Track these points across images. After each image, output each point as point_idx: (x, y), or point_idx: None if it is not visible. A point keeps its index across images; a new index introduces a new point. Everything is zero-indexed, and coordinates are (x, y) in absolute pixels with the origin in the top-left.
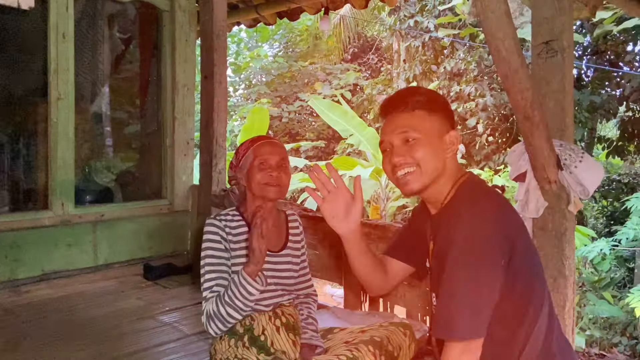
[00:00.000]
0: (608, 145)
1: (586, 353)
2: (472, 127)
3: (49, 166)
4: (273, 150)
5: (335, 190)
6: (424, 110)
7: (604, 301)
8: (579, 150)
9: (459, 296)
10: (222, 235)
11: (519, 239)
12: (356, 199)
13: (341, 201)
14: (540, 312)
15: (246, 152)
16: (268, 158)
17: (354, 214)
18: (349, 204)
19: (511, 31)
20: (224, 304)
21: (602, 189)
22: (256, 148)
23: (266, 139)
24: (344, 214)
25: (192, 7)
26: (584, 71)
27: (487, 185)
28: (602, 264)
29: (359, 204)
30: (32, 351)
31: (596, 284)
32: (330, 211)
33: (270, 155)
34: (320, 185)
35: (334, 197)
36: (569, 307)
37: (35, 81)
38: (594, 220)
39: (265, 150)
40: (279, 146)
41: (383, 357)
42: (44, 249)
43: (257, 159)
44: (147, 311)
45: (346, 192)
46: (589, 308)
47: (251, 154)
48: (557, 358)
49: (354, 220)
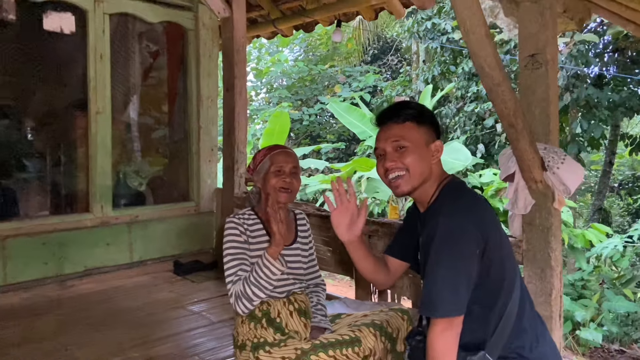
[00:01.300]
0: (631, 142)
1: (606, 349)
2: (490, 126)
3: (90, 173)
4: (287, 159)
5: (347, 204)
6: (414, 122)
7: (621, 297)
8: (562, 153)
9: (441, 281)
10: (241, 230)
11: (491, 232)
12: (361, 215)
13: (349, 214)
14: (512, 293)
15: (263, 159)
16: (283, 165)
17: (356, 226)
18: (354, 218)
19: (492, 50)
20: (250, 284)
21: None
22: (273, 156)
23: (281, 149)
24: (349, 225)
25: (214, 25)
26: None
27: (466, 187)
28: (621, 261)
29: (363, 220)
30: (80, 335)
31: (616, 280)
32: (338, 220)
33: (285, 163)
34: (337, 197)
35: (344, 210)
36: (555, 295)
37: (77, 96)
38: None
39: (281, 159)
40: (292, 155)
41: (383, 338)
42: (86, 247)
43: (273, 166)
44: (177, 302)
45: (355, 207)
46: (606, 304)
47: (268, 161)
48: (527, 332)
49: (355, 232)
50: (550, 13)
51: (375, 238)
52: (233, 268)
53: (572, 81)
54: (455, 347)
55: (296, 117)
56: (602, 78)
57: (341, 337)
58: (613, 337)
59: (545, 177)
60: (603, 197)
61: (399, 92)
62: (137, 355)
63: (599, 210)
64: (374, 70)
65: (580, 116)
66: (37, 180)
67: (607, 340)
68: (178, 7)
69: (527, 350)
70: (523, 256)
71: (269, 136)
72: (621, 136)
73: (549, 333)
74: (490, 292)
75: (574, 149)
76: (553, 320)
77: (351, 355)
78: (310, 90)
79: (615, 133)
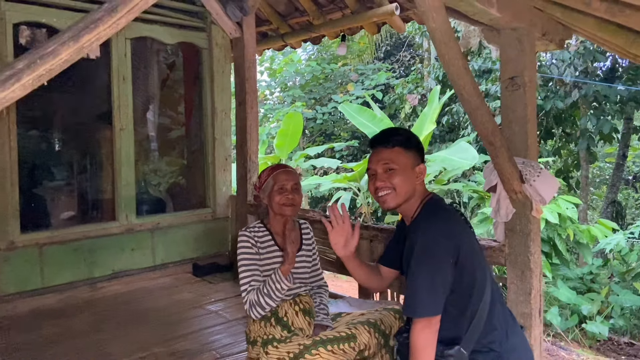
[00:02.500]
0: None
1: (615, 342)
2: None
3: (115, 184)
4: (288, 177)
5: (342, 225)
6: (402, 148)
7: (628, 291)
8: (538, 167)
9: (420, 286)
10: (252, 243)
11: (464, 244)
12: (355, 235)
13: (344, 234)
14: (483, 296)
15: (267, 179)
16: (284, 184)
17: (350, 245)
18: (349, 237)
19: (469, 79)
20: (263, 295)
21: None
22: (275, 176)
23: (283, 168)
24: (344, 243)
25: (226, 43)
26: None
27: (444, 204)
28: (630, 255)
29: (356, 238)
30: (110, 332)
31: (625, 275)
32: (335, 239)
33: (286, 181)
34: (334, 219)
35: (340, 230)
36: (534, 294)
37: (103, 115)
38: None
39: (282, 178)
40: (292, 173)
41: (377, 334)
42: (113, 252)
43: (276, 185)
44: (197, 302)
45: (349, 228)
46: (612, 298)
47: (271, 181)
48: (497, 329)
49: (350, 249)
50: (528, 39)
51: (376, 242)
52: (246, 278)
53: (582, 77)
54: (434, 342)
55: (310, 116)
56: (614, 71)
57: (339, 334)
58: (623, 330)
59: (524, 188)
60: (617, 190)
61: (410, 89)
62: (161, 351)
63: (612, 203)
64: (386, 68)
65: (589, 112)
66: (68, 192)
67: (618, 333)
68: (193, 29)
69: (497, 345)
70: (506, 259)
71: (283, 136)
72: (634, 129)
73: (520, 329)
74: (463, 295)
75: (584, 143)
76: (533, 317)
77: (348, 350)
78: (324, 89)
79: (628, 126)
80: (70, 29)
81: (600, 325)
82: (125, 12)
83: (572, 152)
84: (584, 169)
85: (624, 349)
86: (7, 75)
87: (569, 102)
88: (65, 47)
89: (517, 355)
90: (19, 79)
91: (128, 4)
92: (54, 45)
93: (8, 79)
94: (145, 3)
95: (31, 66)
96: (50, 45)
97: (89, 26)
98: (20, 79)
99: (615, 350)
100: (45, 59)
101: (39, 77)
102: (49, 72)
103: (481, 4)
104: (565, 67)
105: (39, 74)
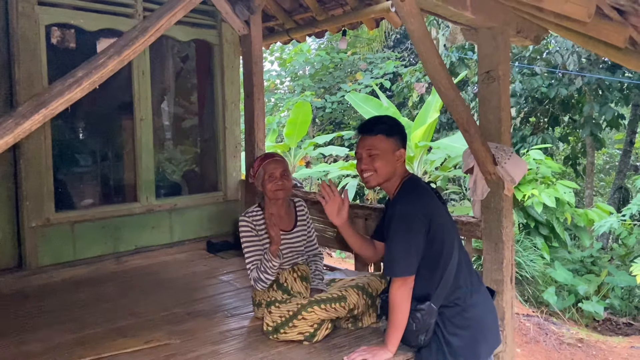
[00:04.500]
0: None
1: (614, 322)
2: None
3: (137, 169)
4: (277, 165)
5: (333, 197)
6: (384, 135)
7: (624, 272)
8: (509, 150)
9: (396, 251)
10: (251, 227)
11: (434, 216)
12: (345, 203)
13: (336, 204)
14: (450, 260)
15: (258, 169)
16: (274, 172)
17: (343, 213)
18: (340, 206)
19: (445, 75)
20: (261, 271)
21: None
22: (265, 165)
23: (271, 157)
24: (337, 212)
25: (235, 39)
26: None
27: (420, 183)
28: (629, 239)
29: (347, 206)
30: (135, 297)
31: (625, 257)
32: (330, 210)
33: (275, 169)
34: (326, 193)
35: (333, 202)
36: (506, 264)
37: (126, 106)
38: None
39: (271, 167)
40: (280, 161)
41: (364, 296)
42: (135, 230)
43: (267, 174)
44: (211, 274)
45: (340, 199)
46: (608, 278)
47: (262, 170)
48: (462, 288)
49: (343, 216)
50: (502, 37)
51: (370, 220)
52: (249, 258)
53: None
54: (409, 298)
55: (319, 105)
56: None
57: (331, 295)
58: (623, 312)
59: (497, 170)
60: (624, 176)
61: (418, 78)
62: (181, 311)
63: (619, 189)
64: (395, 56)
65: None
66: (95, 175)
67: (619, 314)
68: (205, 27)
69: (462, 301)
70: (482, 233)
71: (292, 125)
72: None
73: (485, 289)
74: (433, 259)
75: (587, 130)
76: (505, 283)
77: (339, 309)
78: (333, 78)
79: (635, 113)
80: (113, 46)
81: (596, 305)
82: (154, 31)
83: (579, 138)
84: (590, 155)
85: (622, 328)
86: (71, 82)
87: (572, 90)
88: (111, 60)
89: (478, 310)
90: (79, 84)
91: (156, 24)
92: (104, 58)
93: (71, 84)
94: (169, 23)
95: (88, 75)
96: (100, 58)
97: (128, 43)
98: (81, 84)
99: (614, 330)
100: (98, 69)
101: (93, 82)
102: (100, 79)
103: (455, 8)
104: (569, 55)
105: (93, 80)
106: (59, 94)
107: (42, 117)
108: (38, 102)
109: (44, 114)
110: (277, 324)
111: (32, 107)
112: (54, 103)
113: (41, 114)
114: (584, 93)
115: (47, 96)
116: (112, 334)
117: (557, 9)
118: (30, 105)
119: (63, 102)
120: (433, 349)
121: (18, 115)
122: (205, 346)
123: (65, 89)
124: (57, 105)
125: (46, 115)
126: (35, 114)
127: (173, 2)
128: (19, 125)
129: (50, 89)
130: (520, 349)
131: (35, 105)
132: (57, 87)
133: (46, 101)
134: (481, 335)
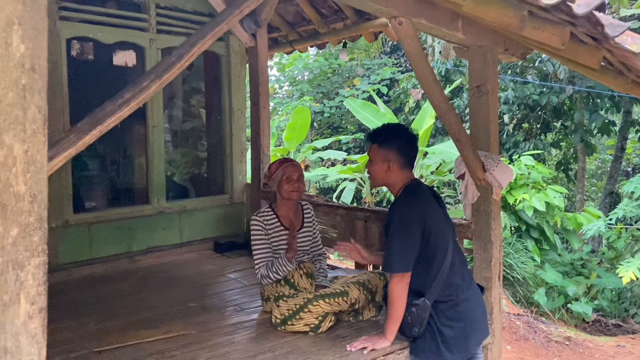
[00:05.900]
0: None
1: (603, 323)
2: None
3: (149, 174)
4: (294, 169)
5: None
6: (377, 145)
7: (611, 274)
8: (497, 158)
9: (394, 249)
10: (262, 226)
11: (430, 218)
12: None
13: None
14: (444, 259)
15: (276, 170)
16: (291, 175)
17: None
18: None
19: (439, 89)
20: (273, 271)
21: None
22: (284, 168)
23: (290, 161)
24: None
25: (242, 50)
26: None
27: (420, 188)
28: (618, 242)
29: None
30: (150, 293)
31: (614, 260)
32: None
33: (293, 172)
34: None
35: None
36: (494, 262)
37: (138, 113)
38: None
39: (290, 170)
40: (297, 166)
41: (365, 291)
42: (147, 231)
43: (285, 175)
44: (219, 272)
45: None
46: (596, 280)
47: (280, 172)
48: (454, 285)
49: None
50: (491, 55)
51: (369, 222)
52: (258, 256)
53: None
54: (406, 293)
55: (318, 110)
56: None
57: (335, 291)
58: (613, 314)
59: (486, 176)
60: (615, 181)
61: (414, 84)
62: (194, 305)
63: (610, 194)
64: (392, 63)
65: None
66: (110, 179)
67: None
68: None
69: (455, 296)
70: (472, 234)
71: (291, 129)
72: (631, 122)
73: (476, 286)
74: (428, 257)
75: (577, 137)
76: (493, 281)
77: (341, 303)
78: (331, 83)
79: (626, 119)
80: (154, 70)
81: (585, 306)
82: (189, 56)
83: (571, 144)
84: (581, 161)
85: (610, 329)
86: (120, 102)
87: (563, 98)
88: (153, 84)
89: (470, 304)
90: (128, 104)
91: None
92: (147, 81)
93: (121, 104)
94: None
95: (135, 96)
96: (144, 81)
97: (167, 68)
98: (129, 104)
99: (602, 330)
100: (142, 91)
101: (138, 102)
102: (144, 99)
103: (448, 30)
104: (560, 64)
105: (139, 101)
106: (111, 113)
107: (98, 132)
108: (94, 120)
109: (99, 130)
110: (285, 316)
111: (89, 124)
112: (108, 120)
113: (97, 129)
114: (575, 100)
115: (101, 115)
116: (132, 325)
117: (535, 37)
118: (88, 123)
119: (115, 119)
120: (427, 339)
121: (78, 130)
122: (220, 336)
123: (117, 109)
124: (110, 122)
125: (102, 131)
126: (93, 130)
127: (204, 31)
128: (80, 140)
129: (103, 109)
130: (510, 346)
131: (92, 122)
132: (109, 107)
133: (101, 119)
134: (471, 328)
